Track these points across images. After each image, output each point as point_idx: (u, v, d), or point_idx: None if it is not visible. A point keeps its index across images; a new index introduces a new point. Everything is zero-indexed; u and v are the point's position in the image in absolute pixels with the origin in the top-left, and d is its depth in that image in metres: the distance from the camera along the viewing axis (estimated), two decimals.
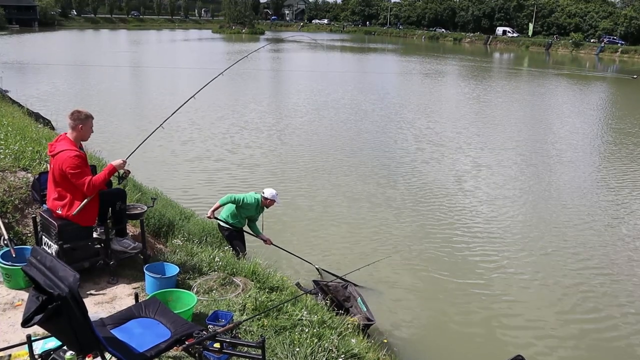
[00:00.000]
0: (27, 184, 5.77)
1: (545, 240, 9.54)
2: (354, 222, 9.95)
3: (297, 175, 12.75)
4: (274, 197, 6.82)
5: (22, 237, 5.28)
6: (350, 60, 51.42)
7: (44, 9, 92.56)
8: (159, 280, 4.69)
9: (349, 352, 4.39)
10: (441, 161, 14.42)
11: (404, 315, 6.99)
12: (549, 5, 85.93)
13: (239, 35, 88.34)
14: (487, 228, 9.94)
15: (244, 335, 4.28)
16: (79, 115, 4.56)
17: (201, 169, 12.76)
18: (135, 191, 7.54)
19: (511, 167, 14.12)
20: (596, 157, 15.90)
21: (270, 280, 5.44)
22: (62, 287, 2.56)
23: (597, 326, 6.99)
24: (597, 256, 8.96)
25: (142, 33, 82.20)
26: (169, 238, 6.44)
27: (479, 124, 20.03)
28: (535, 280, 8.03)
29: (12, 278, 4.62)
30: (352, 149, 15.35)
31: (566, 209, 11.12)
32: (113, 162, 4.73)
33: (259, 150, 14.76)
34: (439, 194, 11.68)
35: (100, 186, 4.60)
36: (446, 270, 8.18)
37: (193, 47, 61.00)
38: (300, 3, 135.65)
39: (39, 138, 8.09)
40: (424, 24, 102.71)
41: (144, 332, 3.22)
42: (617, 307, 7.39)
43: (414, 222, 10.11)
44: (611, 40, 73.30)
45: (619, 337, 6.79)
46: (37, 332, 3.52)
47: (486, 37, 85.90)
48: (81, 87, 25.46)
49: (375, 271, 7.71)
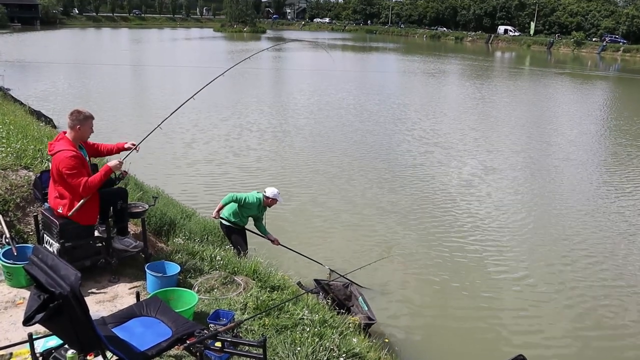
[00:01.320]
0: (29, 182, 5.77)
1: (547, 241, 9.54)
2: (356, 222, 9.95)
3: (300, 174, 12.74)
4: (276, 196, 6.82)
5: (23, 236, 5.28)
6: (352, 59, 51.33)
7: (45, 8, 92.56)
8: (160, 279, 4.69)
9: (350, 352, 4.38)
10: (444, 163, 14.38)
11: (405, 315, 6.99)
12: (550, 4, 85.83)
13: (241, 34, 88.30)
14: (489, 229, 9.93)
15: (245, 335, 4.28)
16: (78, 115, 4.55)
17: (203, 169, 12.76)
18: (137, 190, 7.54)
19: (514, 170, 14.10)
20: (609, 160, 15.62)
21: (271, 279, 5.44)
22: (63, 286, 2.56)
23: (599, 326, 6.98)
24: (600, 256, 8.95)
25: (143, 32, 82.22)
26: (170, 237, 6.44)
27: (483, 125, 19.95)
28: (536, 281, 8.03)
29: (13, 276, 4.62)
30: (356, 150, 15.34)
31: (569, 210, 11.11)
32: (109, 163, 4.72)
33: (261, 151, 14.74)
34: (442, 196, 11.67)
35: (95, 187, 4.58)
36: (448, 271, 8.17)
37: (194, 46, 61.01)
38: (301, 2, 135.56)
39: (40, 136, 8.10)
40: (426, 23, 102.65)
41: (145, 331, 3.22)
42: (619, 308, 7.39)
43: (417, 222, 10.10)
44: (613, 39, 73.23)
45: (622, 335, 6.79)
46: (38, 330, 3.52)
47: (488, 36, 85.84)
48: (82, 85, 25.48)
49: (376, 271, 7.70)
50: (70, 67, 33.30)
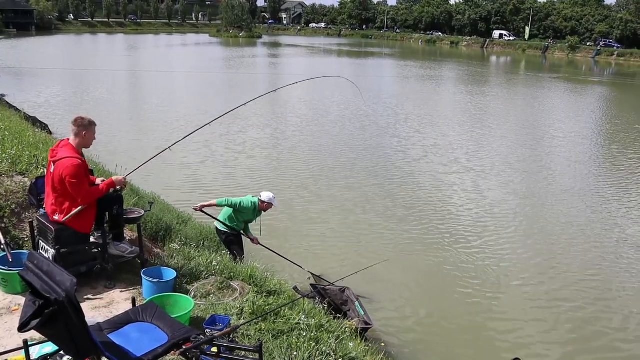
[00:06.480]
0: (24, 188, 5.76)
1: (544, 245, 9.57)
2: (352, 227, 9.96)
3: (296, 181, 12.74)
4: (271, 201, 6.81)
5: (19, 242, 5.27)
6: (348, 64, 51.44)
7: (41, 13, 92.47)
8: (156, 284, 4.68)
9: (347, 356, 4.39)
10: (440, 169, 14.36)
11: (402, 319, 7.00)
12: (545, 9, 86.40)
13: (237, 39, 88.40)
14: (485, 234, 9.96)
15: (242, 340, 4.27)
16: (82, 121, 4.52)
17: (199, 174, 12.76)
18: (133, 195, 7.54)
19: (510, 174, 14.15)
20: (607, 166, 15.48)
21: (268, 284, 5.44)
22: (59, 292, 2.55)
23: (596, 331, 7.00)
24: (597, 261, 8.99)
25: (139, 37, 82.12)
26: (167, 242, 6.43)
27: (479, 132, 19.98)
28: (533, 285, 8.05)
29: (9, 283, 4.61)
30: (352, 154, 15.38)
31: (568, 215, 11.15)
32: (114, 178, 4.75)
33: (258, 157, 14.70)
34: (438, 201, 11.70)
35: (96, 198, 4.60)
36: (444, 275, 8.19)
37: (190, 52, 60.94)
38: (297, 7, 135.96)
39: (36, 142, 8.09)
40: (421, 28, 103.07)
41: (141, 337, 3.21)
42: (617, 312, 7.41)
43: (412, 227, 10.12)
44: (607, 43, 73.67)
45: (619, 340, 6.81)
46: (33, 337, 3.49)
47: (483, 40, 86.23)
48: (77, 92, 25.39)
49: (373, 275, 7.70)
50: (66, 73, 33.24)
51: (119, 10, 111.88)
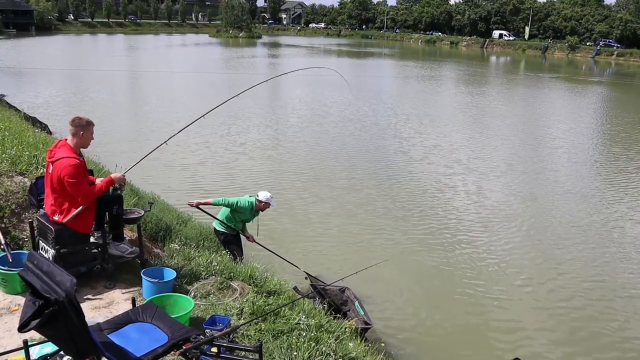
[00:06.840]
0: (24, 188, 5.76)
1: (544, 246, 9.57)
2: (352, 227, 9.95)
3: (296, 182, 12.73)
4: (269, 200, 6.79)
5: (19, 242, 5.27)
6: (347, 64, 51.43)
7: (41, 14, 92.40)
8: (156, 284, 4.68)
9: (347, 356, 4.39)
10: (440, 170, 14.34)
11: (402, 319, 6.99)
12: (544, 9, 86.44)
13: (236, 39, 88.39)
14: (486, 234, 9.96)
15: (242, 340, 4.27)
16: (80, 121, 4.52)
17: (198, 174, 12.74)
18: (132, 195, 7.54)
19: (511, 177, 14.14)
20: (609, 167, 15.39)
21: (267, 284, 5.43)
22: (59, 292, 2.55)
23: (597, 332, 7.00)
24: (599, 262, 8.99)
25: (139, 38, 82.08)
26: (166, 242, 6.43)
27: (479, 132, 20.00)
28: (534, 286, 8.05)
29: (8, 283, 4.61)
30: (352, 155, 15.37)
31: (569, 217, 11.15)
32: (113, 176, 4.75)
33: (258, 158, 14.68)
34: (438, 201, 11.70)
35: (95, 197, 4.60)
36: (443, 275, 8.19)
37: (190, 53, 60.90)
38: (297, 7, 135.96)
39: (35, 142, 8.08)
40: (421, 28, 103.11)
41: (141, 337, 3.21)
42: (617, 313, 7.41)
43: (412, 227, 10.12)
44: (607, 43, 73.73)
45: (620, 340, 6.80)
46: (33, 337, 3.49)
47: (483, 40, 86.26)
48: (77, 92, 25.39)
49: (373, 275, 7.69)
50: (65, 73, 33.23)
51: (119, 10, 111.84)
